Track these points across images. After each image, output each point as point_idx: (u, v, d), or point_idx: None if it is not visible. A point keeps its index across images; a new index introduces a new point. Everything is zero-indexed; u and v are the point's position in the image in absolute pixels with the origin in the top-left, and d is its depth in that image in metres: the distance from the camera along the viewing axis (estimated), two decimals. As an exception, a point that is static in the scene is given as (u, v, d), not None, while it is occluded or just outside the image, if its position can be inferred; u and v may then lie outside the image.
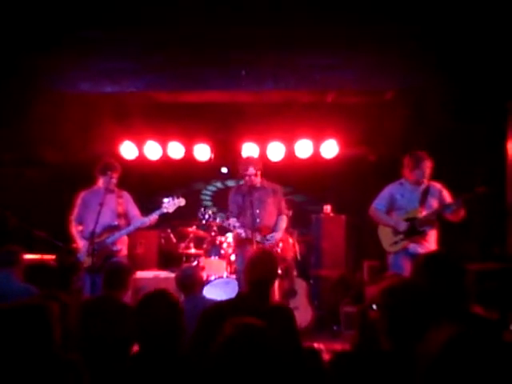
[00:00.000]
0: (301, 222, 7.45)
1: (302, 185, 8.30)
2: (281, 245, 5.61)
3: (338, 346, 4.94)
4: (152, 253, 7.40)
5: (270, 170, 6.42)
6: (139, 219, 5.51)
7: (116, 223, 5.45)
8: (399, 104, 6.43)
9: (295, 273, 6.35)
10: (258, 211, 5.46)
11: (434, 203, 5.14)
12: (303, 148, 7.54)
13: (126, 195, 5.67)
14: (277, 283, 5.74)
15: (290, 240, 6.05)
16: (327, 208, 7.44)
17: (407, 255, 4.98)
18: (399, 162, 5.29)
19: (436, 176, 5.17)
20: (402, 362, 1.96)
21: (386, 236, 5.21)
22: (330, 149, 7.52)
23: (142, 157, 7.63)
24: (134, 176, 6.77)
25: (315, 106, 6.76)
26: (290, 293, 6.17)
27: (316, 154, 7.58)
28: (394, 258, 5.13)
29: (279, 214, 5.70)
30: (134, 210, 5.63)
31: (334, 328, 6.24)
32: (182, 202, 5.53)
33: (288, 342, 2.91)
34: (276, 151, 7.55)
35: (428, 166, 5.11)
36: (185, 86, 6.25)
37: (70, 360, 2.14)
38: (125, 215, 5.56)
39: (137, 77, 6.14)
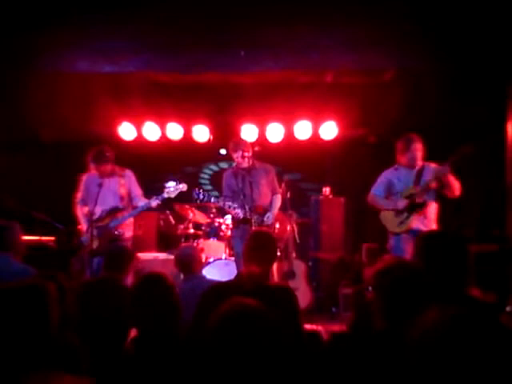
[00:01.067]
0: (300, 203, 7.46)
1: (301, 166, 8.29)
2: (277, 225, 5.64)
3: (336, 328, 4.97)
4: (151, 235, 7.42)
5: (269, 152, 6.42)
6: (142, 202, 5.49)
7: (119, 206, 5.45)
8: (398, 85, 6.39)
9: (294, 254, 6.37)
10: (251, 193, 5.46)
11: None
12: (302, 129, 7.53)
13: (129, 175, 5.62)
14: (276, 265, 5.79)
15: (287, 221, 6.06)
16: (326, 190, 7.44)
17: (410, 237, 5.00)
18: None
19: (435, 158, 5.16)
20: (395, 343, 1.98)
21: (389, 219, 5.21)
22: (330, 130, 7.50)
23: (140, 138, 7.61)
24: (132, 157, 6.75)
25: (314, 86, 6.71)
26: (288, 274, 6.20)
27: (315, 135, 7.56)
28: (395, 240, 5.13)
29: (273, 193, 5.71)
30: (137, 190, 5.61)
31: (333, 310, 6.28)
32: (184, 187, 5.53)
33: (289, 324, 2.92)
34: (275, 132, 7.54)
35: (418, 147, 5.10)
36: (184, 66, 6.20)
37: (68, 342, 2.15)
38: (128, 196, 5.55)
39: (135, 56, 6.09)
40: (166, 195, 5.47)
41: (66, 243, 5.60)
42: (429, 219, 5.09)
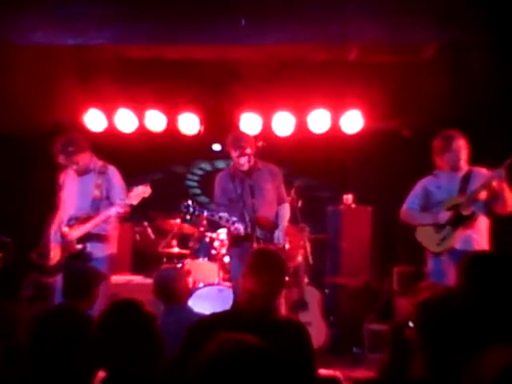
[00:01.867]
0: (314, 214, 7.44)
1: (316, 167, 8.28)
2: (287, 244, 5.61)
3: (359, 374, 4.95)
4: (124, 252, 7.40)
5: (275, 148, 6.40)
6: (105, 211, 5.47)
7: (87, 212, 5.42)
8: (440, 64, 6.38)
9: (306, 280, 6.36)
10: (252, 201, 5.44)
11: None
12: (318, 120, 7.53)
13: (111, 172, 5.56)
14: (283, 293, 5.76)
15: (299, 237, 6.06)
16: (348, 198, 7.43)
17: (452, 258, 4.97)
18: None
19: (486, 160, 5.15)
20: None
21: (428, 237, 5.20)
22: (353, 122, 7.51)
23: (112, 128, 7.62)
24: (101, 152, 6.73)
25: (333, 65, 6.72)
26: (299, 305, 6.19)
27: (335, 127, 7.57)
28: (435, 262, 5.13)
29: (280, 202, 5.72)
30: (118, 194, 5.55)
31: (355, 350, 6.26)
32: (146, 191, 5.41)
33: (299, 368, 2.90)
34: (284, 124, 7.55)
35: (461, 145, 5.11)
36: (166, 37, 6.21)
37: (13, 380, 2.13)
38: (107, 199, 5.49)
39: (105, 26, 6.09)
40: (128, 201, 5.41)
41: (15, 261, 5.60)
42: (478, 237, 5.08)
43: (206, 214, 5.43)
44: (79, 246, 5.34)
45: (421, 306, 2.25)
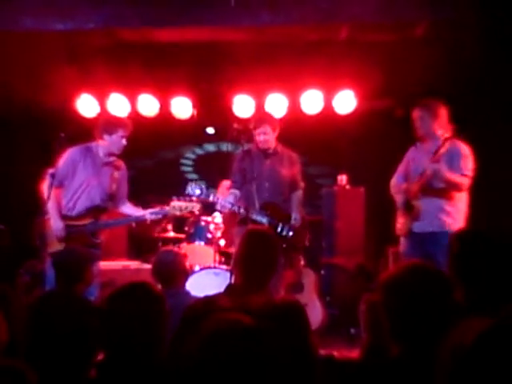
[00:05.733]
0: (308, 196, 7.44)
1: (309, 149, 8.25)
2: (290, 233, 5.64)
3: (356, 354, 4.97)
4: (120, 238, 7.41)
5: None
6: (135, 211, 5.48)
7: (105, 205, 5.39)
8: (433, 42, 6.36)
9: (302, 261, 6.37)
10: (266, 184, 5.56)
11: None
12: (311, 101, 7.55)
13: (124, 169, 5.58)
14: (281, 275, 5.78)
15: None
16: (342, 178, 7.43)
17: (414, 238, 5.03)
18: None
19: (479, 131, 5.15)
20: (414, 371, 1.96)
21: (398, 217, 5.26)
22: (345, 102, 7.51)
23: (104, 113, 7.57)
24: (94, 138, 6.73)
25: (325, 45, 6.68)
26: (295, 286, 6.20)
27: (327, 108, 7.56)
28: (402, 245, 5.21)
29: (294, 188, 5.78)
30: (124, 190, 5.58)
31: (351, 331, 6.27)
32: (196, 207, 5.49)
33: (296, 348, 2.91)
34: (276, 105, 7.55)
35: (414, 116, 5.15)
36: (157, 19, 6.16)
37: (14, 368, 2.13)
38: (115, 195, 5.49)
39: (95, 9, 6.04)
40: (170, 211, 5.43)
41: (10, 247, 5.57)
42: (442, 218, 5.04)
43: (211, 198, 5.49)
44: (96, 240, 5.29)
45: (381, 286, 2.23)
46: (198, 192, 5.45)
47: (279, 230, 5.53)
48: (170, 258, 4.44)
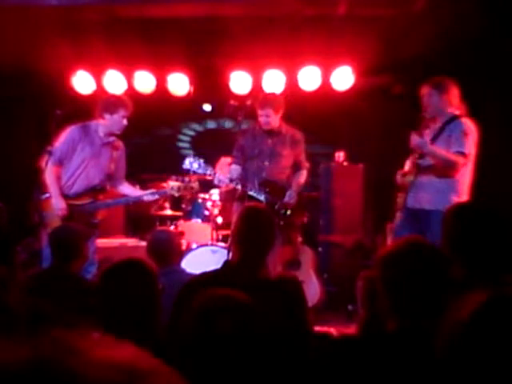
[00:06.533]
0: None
1: (307, 125, 8.19)
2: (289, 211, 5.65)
3: (353, 330, 4.98)
4: (117, 215, 7.39)
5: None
6: (133, 191, 5.49)
7: (103, 186, 5.37)
8: (432, 16, 6.30)
9: (300, 238, 6.36)
10: (267, 163, 5.57)
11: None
12: (309, 77, 7.52)
13: (122, 149, 5.56)
14: (278, 251, 5.78)
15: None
16: (340, 155, 7.41)
17: (407, 213, 5.04)
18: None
19: (479, 105, 5.12)
20: (412, 345, 1.96)
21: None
22: (344, 78, 7.49)
23: (100, 90, 7.55)
24: (90, 116, 6.69)
25: (323, 20, 6.62)
26: (292, 263, 6.20)
27: (325, 84, 7.54)
28: (397, 217, 5.20)
29: (298, 167, 5.83)
30: (122, 170, 5.56)
31: (349, 308, 6.28)
32: (194, 188, 5.49)
33: (294, 324, 2.91)
34: (274, 82, 7.53)
35: (421, 93, 5.06)
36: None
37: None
38: (114, 175, 5.47)
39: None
40: (168, 192, 5.42)
41: (7, 225, 5.55)
42: (434, 196, 4.99)
43: (208, 172, 5.50)
44: (95, 220, 5.29)
45: (378, 262, 2.23)
46: (195, 166, 5.46)
47: (276, 207, 5.54)
48: (164, 236, 4.45)
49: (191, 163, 5.48)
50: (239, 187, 5.50)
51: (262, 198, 5.50)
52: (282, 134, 5.74)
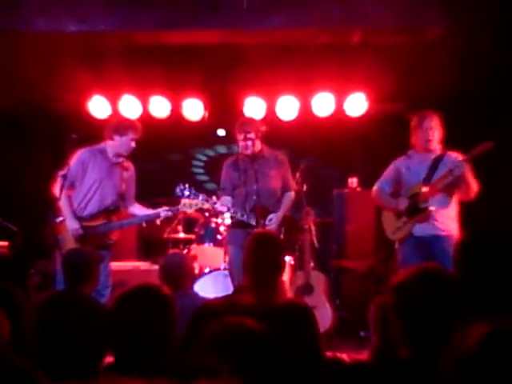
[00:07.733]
0: (319, 199, 7.43)
1: (320, 151, 8.25)
2: (282, 233, 5.61)
3: (365, 357, 4.94)
4: (130, 238, 7.41)
5: (280, 132, 6.37)
6: (147, 211, 5.50)
7: (116, 206, 5.40)
8: (446, 45, 6.33)
9: (312, 264, 6.34)
10: (255, 187, 5.51)
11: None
12: (322, 103, 7.51)
13: (132, 169, 5.60)
14: (288, 277, 5.77)
15: (299, 228, 6.04)
16: (353, 181, 7.41)
17: (415, 242, 5.00)
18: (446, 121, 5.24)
19: (494, 133, 5.11)
20: (423, 373, 1.95)
21: (388, 222, 5.26)
22: (357, 104, 7.48)
23: (116, 115, 7.58)
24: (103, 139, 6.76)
25: (337, 48, 6.66)
26: (304, 289, 6.17)
27: (339, 111, 7.55)
28: (401, 249, 5.20)
29: (285, 190, 5.74)
30: (133, 191, 5.59)
31: (361, 334, 6.24)
32: (205, 204, 5.48)
33: (305, 351, 2.90)
34: (288, 108, 7.53)
35: (434, 125, 5.07)
36: (170, 22, 6.17)
37: (22, 369, 2.12)
38: (125, 195, 5.50)
39: (108, 12, 6.06)
40: (181, 208, 5.43)
41: (22, 248, 5.57)
42: (440, 223, 5.03)
43: (200, 199, 5.46)
44: (110, 240, 5.31)
45: (395, 288, 2.23)
46: (186, 193, 5.44)
47: (266, 223, 5.50)
48: (177, 260, 4.45)
49: (182, 190, 5.46)
50: (235, 215, 5.49)
51: (253, 222, 5.46)
52: (264, 156, 5.67)
